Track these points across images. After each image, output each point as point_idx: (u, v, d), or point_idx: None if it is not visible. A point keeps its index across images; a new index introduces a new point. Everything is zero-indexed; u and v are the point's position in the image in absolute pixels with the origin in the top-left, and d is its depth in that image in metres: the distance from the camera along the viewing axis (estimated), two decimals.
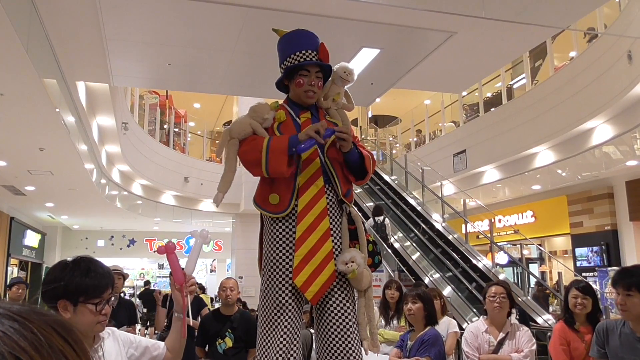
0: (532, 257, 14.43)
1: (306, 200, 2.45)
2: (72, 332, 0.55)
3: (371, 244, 2.59)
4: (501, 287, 3.68)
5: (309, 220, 2.42)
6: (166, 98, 16.34)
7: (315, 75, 2.52)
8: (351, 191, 2.63)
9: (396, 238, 10.79)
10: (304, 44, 2.54)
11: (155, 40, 6.15)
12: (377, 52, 6.28)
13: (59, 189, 11.37)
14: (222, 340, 4.50)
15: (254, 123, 2.52)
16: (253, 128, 2.51)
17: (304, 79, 2.51)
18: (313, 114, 2.60)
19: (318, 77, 2.54)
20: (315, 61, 2.51)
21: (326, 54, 2.55)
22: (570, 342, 3.62)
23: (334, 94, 2.64)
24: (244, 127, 2.52)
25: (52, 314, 0.56)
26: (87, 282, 1.78)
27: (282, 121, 2.55)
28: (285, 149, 2.36)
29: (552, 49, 11.12)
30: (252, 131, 2.51)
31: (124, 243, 21.21)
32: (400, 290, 5.34)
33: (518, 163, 11.59)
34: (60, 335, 0.53)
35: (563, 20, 6.02)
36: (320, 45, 2.56)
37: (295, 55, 2.51)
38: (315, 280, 2.37)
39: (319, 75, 2.54)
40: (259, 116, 2.52)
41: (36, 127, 7.10)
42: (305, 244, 2.40)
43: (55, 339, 0.52)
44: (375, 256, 2.60)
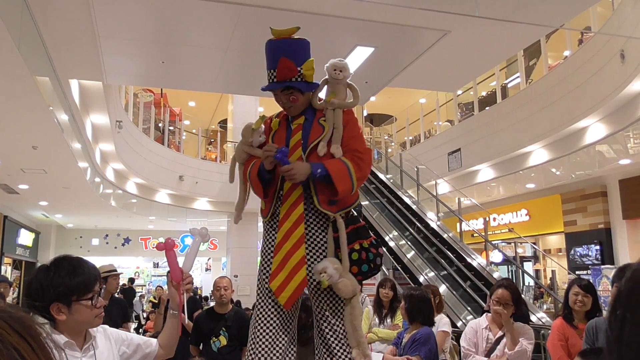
0: (527, 255, 14.49)
1: (286, 208, 2.49)
2: (30, 327, 0.54)
3: (356, 253, 2.51)
4: (508, 293, 3.51)
5: (286, 227, 2.47)
6: (161, 96, 16.29)
7: (281, 94, 2.51)
8: (337, 201, 2.52)
9: (391, 237, 10.80)
10: (269, 61, 2.52)
11: (148, 38, 6.14)
12: (372, 51, 6.28)
13: (52, 188, 11.33)
14: (217, 339, 4.49)
15: (246, 147, 2.64)
16: (247, 152, 2.64)
17: (277, 99, 2.57)
18: (307, 119, 2.57)
19: (287, 94, 2.50)
20: (272, 84, 2.49)
21: (284, 70, 2.46)
22: (568, 338, 3.64)
23: (329, 94, 2.60)
24: (241, 153, 2.67)
25: (10, 310, 0.55)
26: (76, 280, 1.77)
27: (277, 130, 2.60)
28: (255, 177, 2.51)
29: (546, 48, 11.15)
30: (248, 154, 2.64)
31: (118, 242, 21.15)
32: (394, 289, 5.35)
33: (512, 162, 11.61)
34: (15, 331, 0.52)
35: (556, 19, 6.04)
36: (279, 61, 2.46)
37: (267, 74, 2.53)
38: (287, 286, 2.42)
39: (286, 92, 2.50)
40: (245, 141, 2.63)
41: (29, 125, 7.07)
42: (281, 250, 2.46)
43: (9, 336, 0.52)
44: (362, 265, 2.51)
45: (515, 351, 3.39)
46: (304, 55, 2.53)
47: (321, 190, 2.47)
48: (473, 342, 3.62)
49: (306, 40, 2.59)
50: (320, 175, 2.40)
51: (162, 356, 2.17)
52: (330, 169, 2.41)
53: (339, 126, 2.52)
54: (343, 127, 2.52)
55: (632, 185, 10.43)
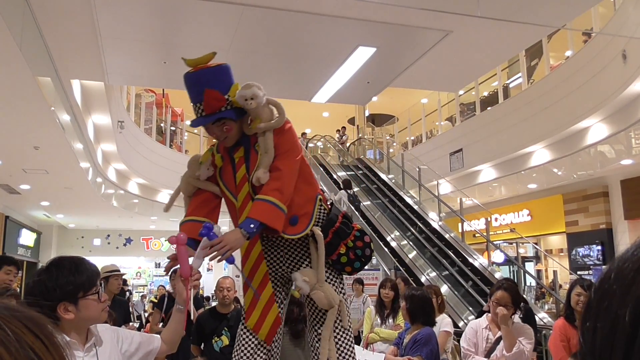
0: (528, 255, 14.47)
1: (245, 247, 2.46)
2: (44, 327, 0.55)
3: (344, 256, 2.54)
4: (507, 294, 3.46)
5: (248, 267, 2.49)
6: (162, 96, 16.30)
7: (213, 126, 2.39)
8: (298, 218, 2.45)
9: (393, 237, 10.80)
10: (192, 96, 2.38)
11: (150, 39, 6.14)
12: (373, 51, 6.27)
13: (54, 188, 11.33)
14: (219, 339, 4.49)
15: (192, 181, 2.58)
16: (194, 185, 2.58)
17: (209, 132, 2.46)
18: (245, 148, 2.47)
19: (219, 126, 2.38)
20: (201, 118, 2.35)
21: (211, 101, 2.32)
22: (570, 339, 3.65)
23: (255, 120, 2.43)
24: (187, 185, 2.62)
25: (23, 310, 0.55)
26: (81, 277, 1.80)
27: (222, 166, 2.52)
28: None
29: (547, 48, 11.14)
30: (195, 187, 2.58)
31: (120, 242, 21.15)
32: (394, 289, 5.34)
33: (514, 162, 11.61)
34: (30, 331, 0.53)
35: (558, 20, 6.03)
36: (204, 93, 2.32)
37: (193, 108, 2.39)
38: (263, 324, 2.48)
39: (218, 123, 2.37)
40: (192, 174, 2.57)
41: (31, 125, 7.07)
42: (249, 291, 2.50)
43: (25, 335, 0.52)
44: (355, 263, 2.58)
45: (513, 353, 3.38)
46: (228, 81, 2.38)
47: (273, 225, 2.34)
48: (473, 343, 3.61)
49: (225, 65, 2.42)
50: (256, 230, 2.27)
51: (165, 352, 2.17)
52: (260, 218, 2.27)
53: (268, 150, 2.38)
54: (274, 150, 2.39)
55: (633, 186, 10.41)
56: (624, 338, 0.47)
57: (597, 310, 0.51)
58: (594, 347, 0.50)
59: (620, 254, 0.52)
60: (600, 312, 0.50)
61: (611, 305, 0.49)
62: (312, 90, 7.46)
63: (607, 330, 0.49)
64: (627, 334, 0.46)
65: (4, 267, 4.07)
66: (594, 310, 0.52)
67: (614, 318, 0.48)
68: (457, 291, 9.19)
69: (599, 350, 0.49)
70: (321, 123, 20.73)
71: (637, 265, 0.49)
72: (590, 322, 0.52)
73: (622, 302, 0.48)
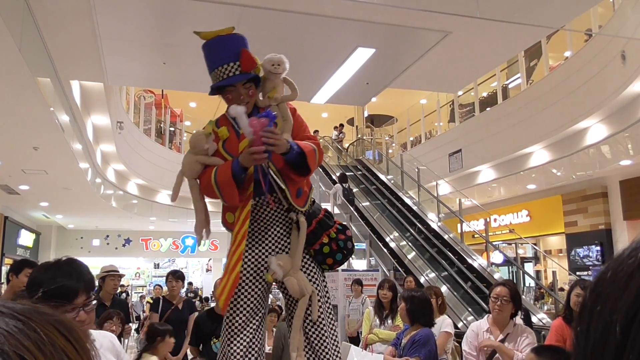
0: (527, 256, 14.48)
1: (239, 210, 2.47)
2: (73, 330, 0.55)
3: (327, 246, 2.54)
4: (505, 289, 3.57)
5: (236, 229, 2.45)
6: (162, 97, 16.31)
7: (242, 87, 2.41)
8: (303, 190, 2.52)
9: (392, 237, 10.80)
10: (226, 54, 2.40)
11: (149, 40, 6.14)
12: (373, 52, 6.28)
13: (53, 189, 11.33)
14: (217, 340, 4.49)
15: (200, 158, 2.47)
16: (201, 162, 2.46)
17: (230, 94, 2.42)
18: None
19: (246, 87, 2.42)
20: (237, 76, 2.38)
21: (248, 60, 2.40)
22: (567, 339, 3.65)
23: (270, 89, 2.53)
24: (193, 166, 2.48)
25: (54, 313, 0.56)
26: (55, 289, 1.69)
27: (226, 138, 2.47)
28: (231, 181, 2.31)
29: (546, 48, 11.15)
30: (202, 166, 2.47)
31: (119, 242, 21.14)
32: (393, 289, 5.35)
33: (513, 162, 11.61)
34: (62, 334, 0.53)
35: (557, 21, 6.03)
36: (241, 52, 2.40)
37: (219, 71, 2.40)
38: (226, 288, 2.41)
39: (247, 85, 2.42)
40: (200, 149, 2.46)
41: (30, 126, 7.07)
42: (229, 254, 2.47)
43: (57, 338, 0.53)
44: (337, 254, 2.56)
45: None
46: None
47: (289, 181, 2.45)
48: (474, 346, 3.61)
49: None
50: (295, 153, 2.33)
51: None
52: (303, 147, 2.36)
53: (287, 117, 2.50)
54: (292, 117, 2.52)
55: (633, 186, 10.42)
56: (614, 346, 0.46)
57: (591, 313, 0.50)
58: (586, 351, 0.50)
59: (617, 255, 0.51)
60: (593, 315, 0.50)
61: (604, 310, 0.48)
62: (311, 91, 7.47)
63: (599, 335, 0.48)
64: (618, 342, 0.46)
65: (25, 269, 4.07)
66: (587, 313, 0.51)
67: (606, 323, 0.47)
68: (456, 292, 9.19)
69: (590, 355, 0.49)
70: (320, 124, 20.72)
71: (632, 270, 0.48)
72: (583, 324, 0.51)
73: (614, 307, 0.47)
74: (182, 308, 5.44)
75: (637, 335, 0.44)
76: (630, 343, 0.45)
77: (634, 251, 0.49)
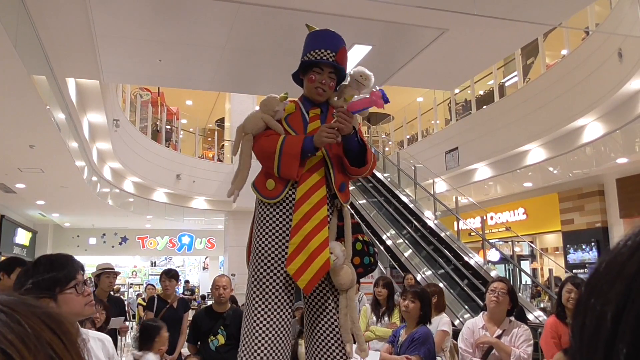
0: (524, 254, 14.51)
1: (305, 189, 2.44)
2: (61, 323, 0.54)
3: (360, 243, 2.55)
4: (502, 283, 3.64)
5: (305, 209, 2.40)
6: (158, 95, 16.27)
7: (328, 75, 2.54)
8: (346, 186, 2.59)
9: (388, 235, 10.80)
10: (325, 43, 2.58)
11: (145, 37, 6.11)
12: (369, 49, 6.27)
13: (49, 187, 11.30)
14: (215, 337, 4.49)
15: (266, 117, 2.55)
16: (265, 122, 2.54)
17: (316, 75, 2.54)
18: (322, 111, 2.61)
19: (331, 78, 2.55)
20: (330, 61, 2.53)
21: (344, 57, 2.60)
22: (561, 336, 3.66)
23: (348, 95, 2.65)
24: (257, 121, 2.55)
25: (41, 305, 0.55)
26: (57, 273, 1.79)
27: (291, 113, 2.58)
28: (298, 155, 2.40)
29: (543, 46, 11.16)
30: (265, 125, 2.54)
31: (116, 241, 21.13)
32: (388, 287, 5.35)
33: (510, 160, 11.62)
34: (48, 327, 0.52)
35: (554, 18, 6.03)
36: (340, 49, 2.60)
37: (315, 53, 2.55)
38: (307, 269, 2.34)
39: (332, 75, 2.56)
40: (270, 109, 2.55)
41: (26, 124, 7.05)
42: (300, 232, 2.38)
43: (43, 331, 0.51)
44: (365, 257, 2.55)
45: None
46: None
47: (338, 171, 2.51)
48: (470, 343, 3.62)
49: None
50: (353, 141, 2.46)
51: None
52: (365, 142, 2.53)
53: (355, 124, 2.55)
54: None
55: (629, 184, 10.44)
56: (605, 336, 0.45)
57: (585, 306, 0.49)
58: (582, 346, 0.49)
59: (613, 247, 0.50)
60: (587, 308, 0.49)
61: (597, 302, 0.48)
62: None
63: (593, 328, 0.47)
64: (609, 333, 0.45)
65: (17, 268, 4.03)
66: (582, 307, 0.50)
67: (599, 315, 0.47)
68: (453, 289, 9.20)
69: (585, 349, 0.48)
70: None
71: (623, 260, 0.47)
72: (579, 319, 0.50)
73: (606, 299, 0.47)
74: (177, 307, 5.45)
75: (627, 325, 0.44)
76: (621, 333, 0.44)
77: (626, 243, 0.49)
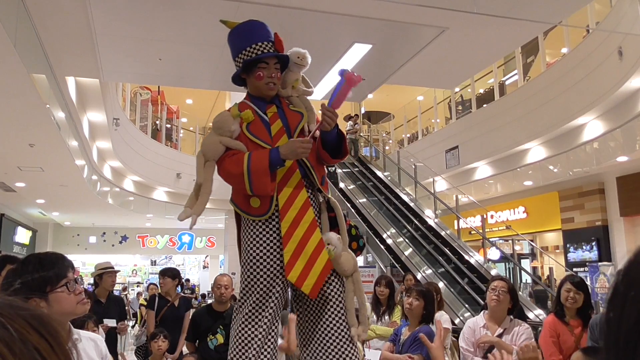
0: (524, 252, 14.50)
1: (286, 195, 2.39)
2: (49, 326, 0.53)
3: (354, 228, 2.60)
4: (503, 282, 3.63)
5: (292, 215, 2.36)
6: (158, 94, 16.26)
7: (274, 66, 2.47)
8: (325, 179, 2.57)
9: (389, 234, 10.81)
10: (259, 36, 2.49)
11: (145, 35, 6.10)
12: (369, 48, 6.26)
13: (49, 186, 11.30)
14: (214, 337, 4.48)
15: (224, 139, 2.41)
16: (225, 145, 2.41)
17: (263, 71, 2.45)
18: (278, 106, 2.53)
19: (276, 69, 2.49)
20: (273, 52, 2.47)
21: (281, 44, 2.52)
22: (560, 335, 3.65)
23: (292, 81, 2.58)
24: (216, 147, 2.42)
25: (29, 307, 0.54)
26: (46, 272, 1.76)
27: (251, 121, 2.45)
28: (267, 170, 2.29)
29: (544, 45, 11.15)
30: (225, 148, 2.41)
31: (116, 239, 21.13)
32: (389, 286, 5.35)
33: (510, 159, 11.62)
34: (35, 330, 0.51)
35: (555, 16, 6.03)
36: (274, 36, 2.53)
37: (252, 48, 2.46)
38: (309, 273, 2.30)
39: (277, 66, 2.49)
40: (226, 130, 2.41)
41: (26, 122, 7.04)
42: (292, 239, 2.33)
43: (30, 335, 0.50)
44: (359, 239, 2.61)
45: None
46: None
47: (317, 168, 2.49)
48: (471, 342, 3.61)
49: None
50: (333, 134, 2.46)
51: None
52: (340, 134, 2.51)
53: (311, 109, 2.58)
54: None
55: (629, 183, 10.44)
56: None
57: (624, 298, 0.49)
58: (618, 336, 0.48)
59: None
60: (627, 300, 0.48)
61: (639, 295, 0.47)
62: None
63: (633, 320, 0.47)
64: None
65: (7, 265, 4.01)
66: (620, 298, 0.49)
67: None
68: (453, 288, 9.20)
69: (623, 341, 0.47)
70: None
71: None
72: (616, 310, 0.49)
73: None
74: (178, 305, 5.43)
75: None
76: None
77: None
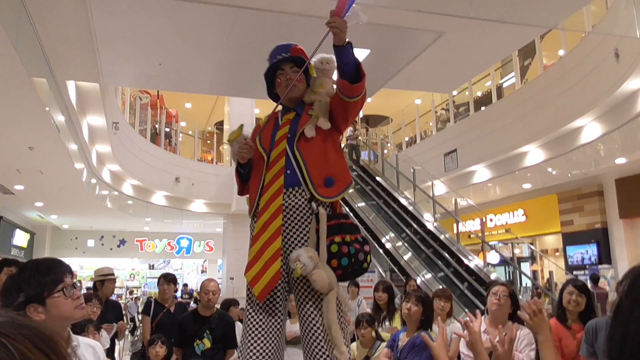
0: (524, 256, 14.50)
1: (266, 199, 2.46)
2: (52, 343, 0.53)
3: (336, 245, 2.38)
4: (504, 287, 3.58)
5: (264, 219, 2.43)
6: (157, 98, 16.28)
7: (291, 70, 2.56)
8: (334, 180, 2.46)
9: (387, 238, 10.80)
10: (276, 52, 2.61)
11: (145, 40, 6.13)
12: (367, 53, 6.28)
13: (48, 189, 11.30)
14: (200, 341, 4.45)
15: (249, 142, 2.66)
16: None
17: (280, 77, 2.58)
18: (298, 113, 2.57)
19: (294, 71, 2.56)
20: (284, 56, 2.55)
21: (299, 51, 2.59)
22: (561, 339, 3.63)
23: (319, 86, 2.62)
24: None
25: (31, 324, 0.54)
26: (43, 278, 1.75)
27: (264, 127, 2.60)
28: (236, 172, 2.65)
29: (540, 47, 11.19)
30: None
31: (114, 243, 21.09)
32: (388, 291, 5.34)
33: (508, 162, 11.64)
34: (38, 349, 0.51)
35: (551, 20, 6.05)
36: (291, 48, 2.60)
37: (270, 62, 2.61)
38: (261, 277, 2.39)
39: (295, 69, 2.56)
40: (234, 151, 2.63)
41: (26, 126, 7.06)
42: (258, 242, 2.43)
43: (32, 354, 0.50)
44: (342, 258, 2.37)
45: None
46: None
47: (318, 168, 2.44)
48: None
49: None
50: (349, 53, 2.41)
51: None
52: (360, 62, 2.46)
53: (325, 112, 2.54)
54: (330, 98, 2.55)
55: (628, 184, 10.46)
56: None
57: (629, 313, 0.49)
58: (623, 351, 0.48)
59: None
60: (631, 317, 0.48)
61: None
62: None
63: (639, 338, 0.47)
64: None
65: (4, 268, 4.01)
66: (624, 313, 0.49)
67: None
68: (453, 292, 9.17)
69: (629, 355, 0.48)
70: None
71: None
72: (620, 324, 0.49)
73: None
74: (174, 311, 5.37)
75: None
76: None
77: None
